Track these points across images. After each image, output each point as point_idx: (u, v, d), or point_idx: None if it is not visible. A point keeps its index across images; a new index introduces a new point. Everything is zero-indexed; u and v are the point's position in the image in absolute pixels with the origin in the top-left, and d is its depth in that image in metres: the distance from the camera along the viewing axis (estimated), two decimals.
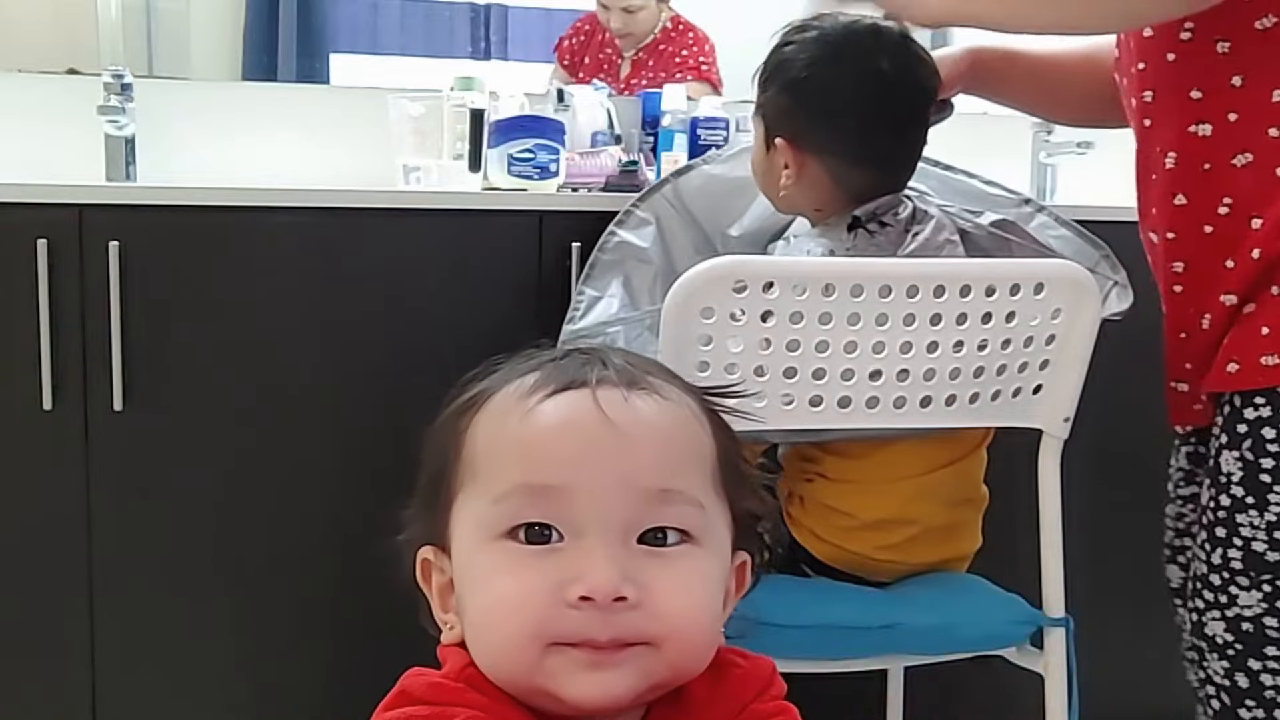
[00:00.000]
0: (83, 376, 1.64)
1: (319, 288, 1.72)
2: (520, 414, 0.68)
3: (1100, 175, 2.41)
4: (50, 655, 1.69)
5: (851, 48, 1.47)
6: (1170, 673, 1.99)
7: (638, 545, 0.66)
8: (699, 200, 1.68)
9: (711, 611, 0.69)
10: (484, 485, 0.68)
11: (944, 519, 1.50)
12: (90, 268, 1.63)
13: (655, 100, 2.25)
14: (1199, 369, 1.34)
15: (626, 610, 0.64)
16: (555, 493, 0.65)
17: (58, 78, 2.18)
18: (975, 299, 1.34)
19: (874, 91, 1.47)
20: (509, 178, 1.93)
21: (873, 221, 1.47)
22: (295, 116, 2.25)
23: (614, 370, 0.70)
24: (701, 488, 0.69)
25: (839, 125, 1.48)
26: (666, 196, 1.68)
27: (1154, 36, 1.29)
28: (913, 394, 1.37)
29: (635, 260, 1.63)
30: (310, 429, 1.73)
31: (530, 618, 0.64)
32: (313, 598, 1.75)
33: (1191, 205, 1.29)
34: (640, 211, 1.67)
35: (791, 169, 1.49)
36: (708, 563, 0.68)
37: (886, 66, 1.46)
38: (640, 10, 2.46)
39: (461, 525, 0.70)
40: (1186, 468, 1.46)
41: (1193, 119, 1.26)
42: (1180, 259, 1.32)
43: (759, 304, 1.30)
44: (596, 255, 1.64)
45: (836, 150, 1.48)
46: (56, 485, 1.66)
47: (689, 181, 1.69)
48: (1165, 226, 1.33)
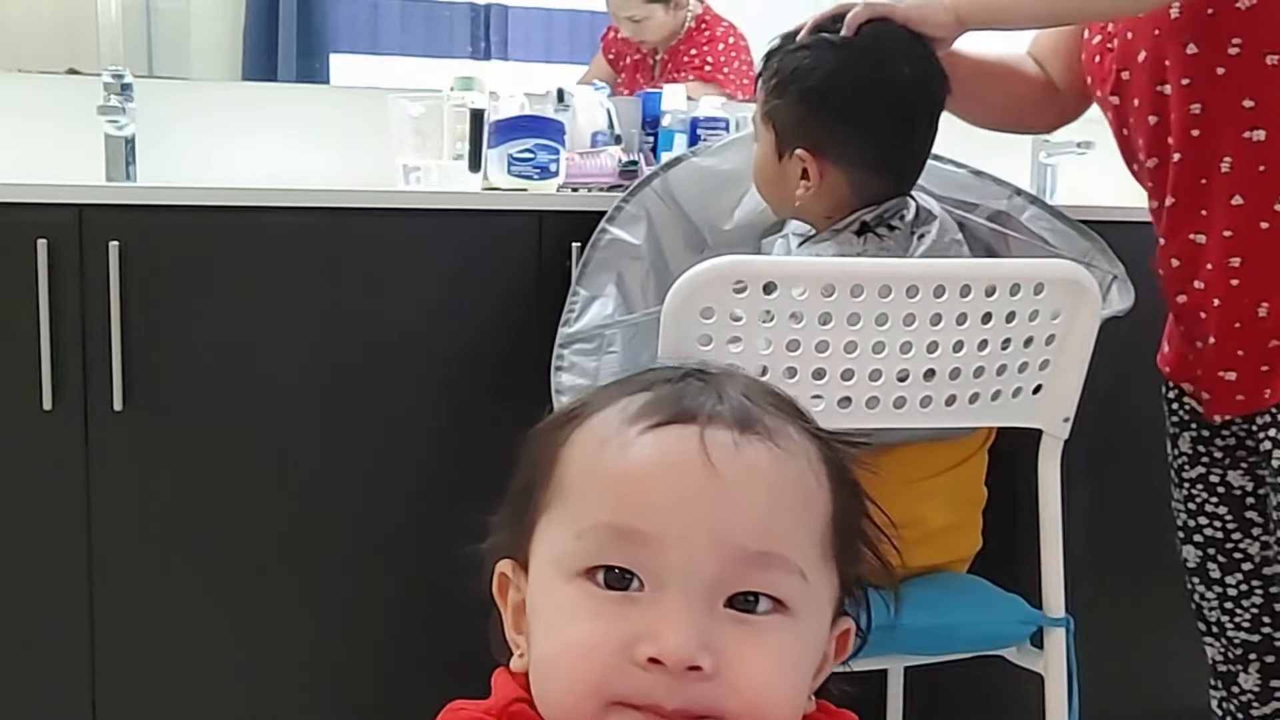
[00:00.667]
0: (83, 376, 1.64)
1: (319, 288, 1.72)
2: (619, 443, 0.62)
3: (1100, 175, 2.41)
4: (50, 655, 1.68)
5: (870, 55, 1.47)
6: (1170, 673, 1.99)
7: (724, 610, 0.60)
8: (689, 193, 1.68)
9: (796, 692, 0.63)
10: (571, 514, 0.63)
11: (946, 521, 1.50)
12: (90, 268, 1.63)
13: (655, 100, 2.25)
14: (1253, 356, 1.38)
15: (700, 681, 0.58)
16: (642, 538, 0.60)
17: (58, 78, 2.18)
18: (975, 299, 1.35)
19: (893, 99, 1.48)
20: (509, 178, 1.93)
21: (881, 225, 1.47)
22: (295, 116, 2.25)
23: (729, 406, 0.63)
24: (807, 554, 0.63)
25: (861, 134, 1.48)
26: (656, 190, 1.67)
27: (1199, 54, 1.34)
28: (913, 394, 1.37)
29: (628, 258, 1.63)
30: (310, 429, 1.73)
31: (594, 670, 0.59)
32: (313, 597, 1.75)
33: (1248, 205, 1.35)
34: (630, 207, 1.66)
35: (813, 179, 1.49)
36: (801, 639, 0.62)
37: (907, 73, 1.47)
38: (646, 20, 2.45)
39: (542, 551, 0.65)
40: (1190, 451, 1.49)
41: (1247, 126, 1.33)
42: (1238, 254, 1.38)
43: (759, 304, 1.30)
44: (589, 253, 1.64)
45: (857, 159, 1.48)
46: (56, 485, 1.66)
47: (678, 174, 1.69)
48: (1222, 225, 1.38)
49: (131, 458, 1.68)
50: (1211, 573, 1.52)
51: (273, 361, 1.71)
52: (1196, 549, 1.52)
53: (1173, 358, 1.54)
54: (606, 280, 1.61)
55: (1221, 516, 1.50)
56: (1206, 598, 1.55)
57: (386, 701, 1.75)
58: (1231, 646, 1.54)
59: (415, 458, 1.74)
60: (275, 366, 1.71)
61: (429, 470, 1.75)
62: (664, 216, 1.66)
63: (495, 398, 1.71)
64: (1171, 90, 1.37)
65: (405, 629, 1.76)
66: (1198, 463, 1.50)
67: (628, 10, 2.45)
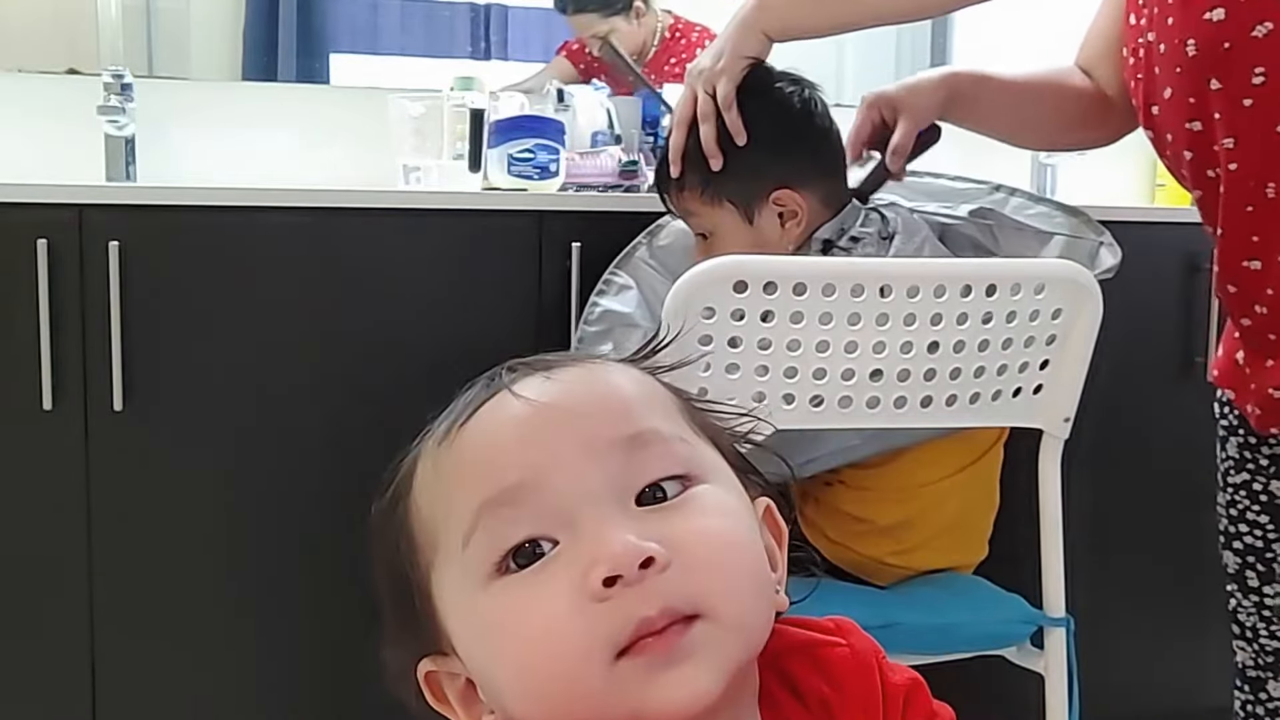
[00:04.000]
0: (83, 376, 1.64)
1: (319, 288, 1.72)
2: (446, 453, 0.60)
3: (1100, 175, 2.41)
4: (50, 655, 1.69)
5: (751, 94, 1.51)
6: (1170, 673, 1.99)
7: (638, 509, 0.57)
8: (673, 256, 1.67)
9: (750, 545, 0.59)
10: (448, 540, 0.58)
11: (957, 522, 1.50)
12: (90, 268, 1.63)
13: (655, 100, 2.25)
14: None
15: (661, 573, 0.54)
16: (523, 492, 0.56)
17: (58, 78, 2.18)
18: (976, 299, 1.35)
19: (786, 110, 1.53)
20: (509, 178, 1.93)
21: (844, 239, 1.47)
22: (295, 116, 2.25)
23: (526, 366, 0.62)
24: (676, 427, 0.60)
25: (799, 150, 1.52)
26: (643, 259, 1.68)
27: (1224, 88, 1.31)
28: (913, 394, 1.37)
29: (622, 326, 1.62)
30: (309, 429, 1.73)
31: (569, 638, 0.54)
32: (313, 597, 1.75)
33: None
34: (619, 278, 1.66)
35: (802, 212, 1.50)
36: (723, 495, 0.59)
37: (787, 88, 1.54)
38: (611, 34, 2.46)
39: (448, 595, 0.59)
40: (1236, 456, 1.47)
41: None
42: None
43: (759, 304, 1.30)
44: (583, 329, 1.63)
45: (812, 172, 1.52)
46: (56, 485, 1.66)
47: (661, 239, 1.70)
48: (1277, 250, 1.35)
49: (131, 458, 1.68)
50: (1250, 580, 1.52)
51: (272, 361, 1.71)
52: (1236, 555, 1.52)
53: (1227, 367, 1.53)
54: (602, 349, 1.61)
55: (1262, 525, 1.49)
56: (1243, 604, 1.54)
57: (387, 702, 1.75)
58: (1263, 654, 1.53)
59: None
60: (275, 366, 1.71)
61: None
62: (654, 280, 1.66)
63: None
64: (1202, 126, 1.36)
65: None
66: (1243, 469, 1.48)
67: (590, 29, 2.46)
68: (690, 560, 0.55)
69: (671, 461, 0.58)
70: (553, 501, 0.56)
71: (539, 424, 0.58)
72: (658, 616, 0.54)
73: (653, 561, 0.54)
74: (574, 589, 0.54)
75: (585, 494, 0.56)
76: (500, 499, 0.56)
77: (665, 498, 0.57)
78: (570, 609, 0.54)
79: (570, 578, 0.55)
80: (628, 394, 0.60)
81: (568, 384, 0.60)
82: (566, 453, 0.57)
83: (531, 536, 0.56)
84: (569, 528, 0.56)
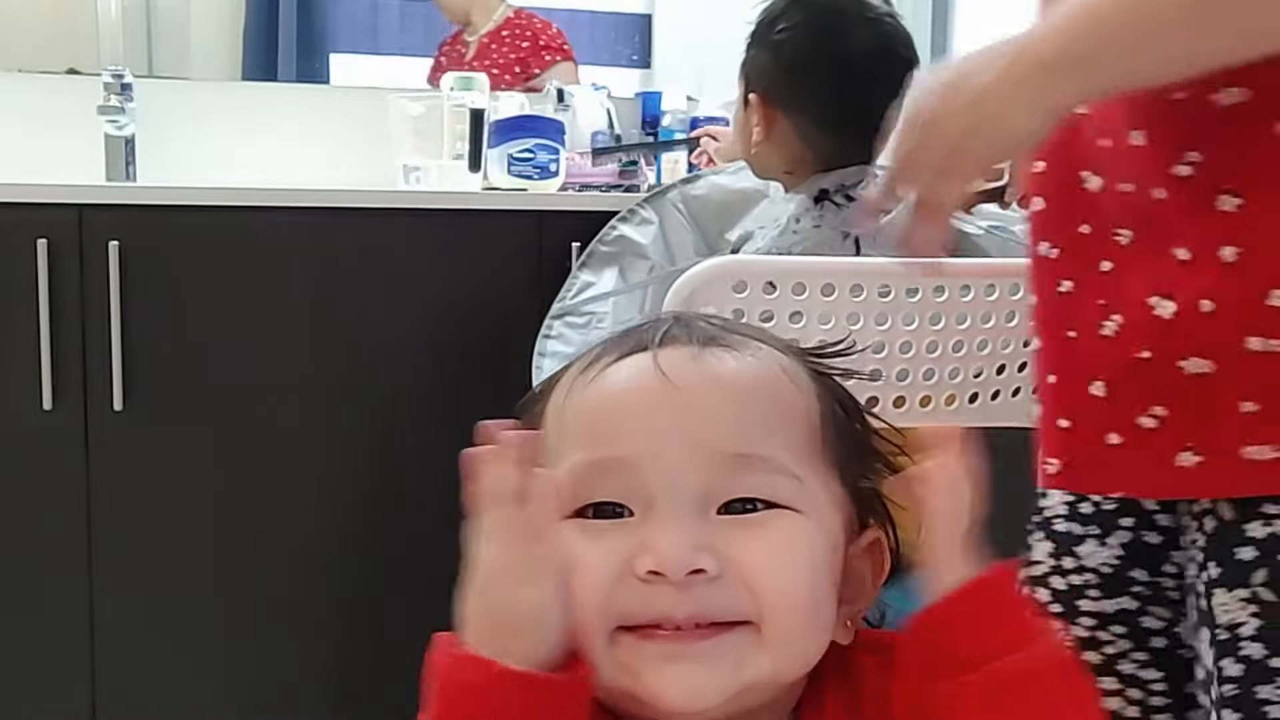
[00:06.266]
0: (83, 376, 1.64)
1: (319, 288, 1.72)
2: (581, 388, 0.62)
3: None
4: (50, 654, 1.69)
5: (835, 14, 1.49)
6: None
7: (719, 516, 0.58)
8: (703, 206, 1.70)
9: (815, 586, 0.59)
10: (552, 460, 0.61)
11: None
12: (90, 268, 1.63)
13: (655, 100, 2.26)
14: None
15: (706, 584, 0.56)
16: (620, 466, 0.59)
17: (58, 78, 2.18)
18: (976, 298, 1.34)
19: (844, 53, 1.48)
20: (509, 178, 1.93)
21: (840, 194, 1.48)
22: (295, 116, 2.25)
23: (687, 330, 0.63)
24: (794, 456, 0.60)
25: (807, 83, 1.49)
26: (673, 200, 1.71)
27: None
28: (913, 394, 1.37)
29: (633, 255, 1.65)
30: (309, 428, 1.73)
31: (598, 589, 0.56)
32: (312, 596, 1.75)
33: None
34: (645, 211, 1.69)
35: (761, 125, 1.51)
36: (807, 532, 0.59)
37: (865, 34, 1.48)
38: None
39: None
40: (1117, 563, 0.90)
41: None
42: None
43: (759, 304, 1.30)
44: (595, 245, 1.66)
45: (805, 108, 1.50)
46: (56, 485, 1.66)
47: (695, 188, 1.72)
48: None
49: (131, 458, 1.68)
50: None
51: (272, 361, 1.71)
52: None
53: None
54: (608, 270, 1.63)
55: None
56: None
57: (387, 701, 1.75)
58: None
59: (415, 457, 1.74)
60: (275, 366, 1.71)
61: (429, 469, 1.74)
62: (677, 224, 1.69)
63: (495, 397, 1.71)
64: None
65: (407, 627, 1.76)
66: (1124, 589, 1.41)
67: None
68: (741, 583, 0.57)
69: (770, 491, 0.59)
70: (643, 482, 0.59)
71: (662, 409, 0.59)
72: (682, 620, 0.56)
73: (702, 572, 0.56)
74: (623, 559, 0.57)
75: (672, 490, 0.58)
76: (602, 465, 0.59)
77: (751, 509, 0.59)
78: (611, 570, 0.57)
79: (625, 551, 0.57)
80: (757, 408, 0.61)
81: (707, 375, 0.61)
82: (672, 450, 0.59)
83: (615, 500, 0.59)
84: (648, 509, 0.58)
